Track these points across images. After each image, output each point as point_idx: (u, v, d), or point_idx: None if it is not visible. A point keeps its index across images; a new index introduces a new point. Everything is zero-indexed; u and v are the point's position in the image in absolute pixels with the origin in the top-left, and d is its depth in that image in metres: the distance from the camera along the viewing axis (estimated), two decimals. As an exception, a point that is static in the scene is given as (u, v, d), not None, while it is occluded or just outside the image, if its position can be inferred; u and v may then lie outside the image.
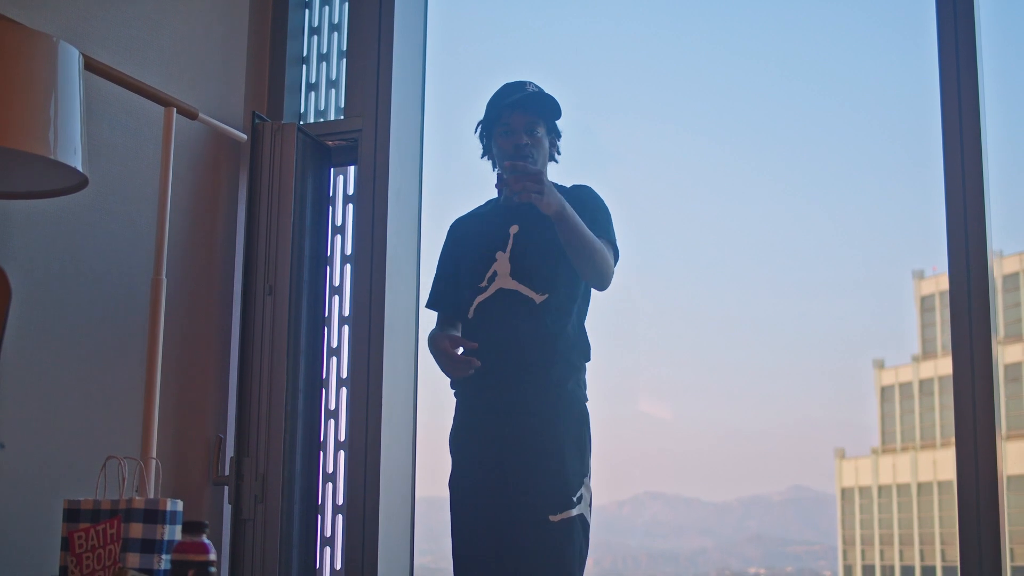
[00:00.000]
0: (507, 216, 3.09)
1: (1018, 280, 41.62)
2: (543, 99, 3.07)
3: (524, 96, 3.07)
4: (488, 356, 2.98)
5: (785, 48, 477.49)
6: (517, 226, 3.06)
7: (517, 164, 2.82)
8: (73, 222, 3.15)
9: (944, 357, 42.55)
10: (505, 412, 2.96)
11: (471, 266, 3.09)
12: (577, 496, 2.90)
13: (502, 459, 2.95)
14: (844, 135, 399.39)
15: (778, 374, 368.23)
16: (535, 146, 3.05)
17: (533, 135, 3.05)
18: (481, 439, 3.00)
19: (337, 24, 4.03)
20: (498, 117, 3.08)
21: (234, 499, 3.60)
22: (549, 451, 2.92)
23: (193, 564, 2.15)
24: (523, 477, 2.91)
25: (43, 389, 3.05)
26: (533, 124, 3.06)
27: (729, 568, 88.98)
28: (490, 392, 3.00)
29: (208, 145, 3.71)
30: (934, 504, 43.10)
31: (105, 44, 3.27)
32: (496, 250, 3.05)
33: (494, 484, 2.95)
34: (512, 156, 3.01)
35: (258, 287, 3.70)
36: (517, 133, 3.04)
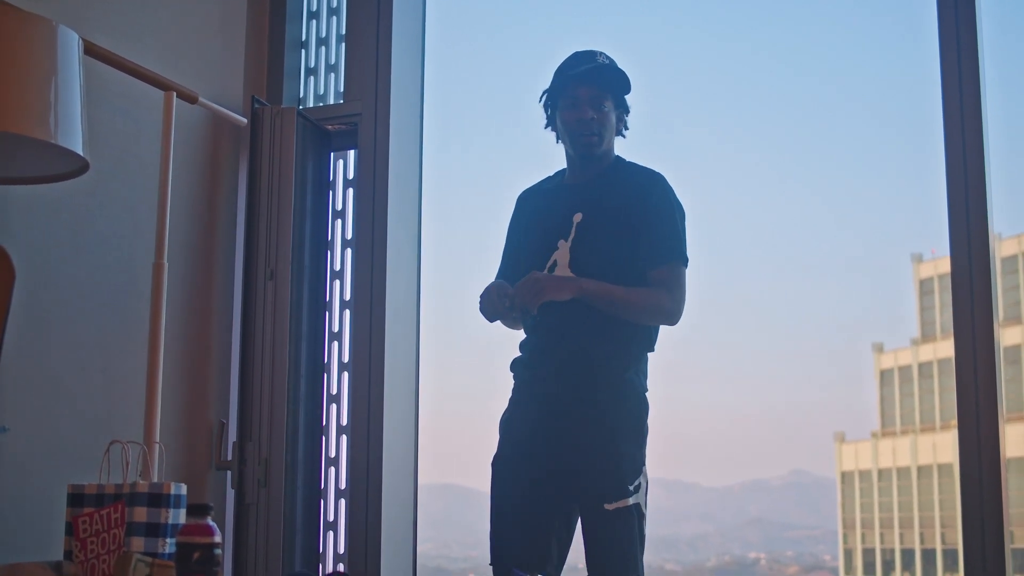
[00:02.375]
0: (572, 200, 3.02)
1: (1016, 263, 41.63)
2: (613, 72, 2.98)
3: (593, 68, 2.97)
4: (548, 344, 2.96)
5: (784, 34, 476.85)
6: (581, 214, 2.98)
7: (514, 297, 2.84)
8: (74, 207, 3.14)
9: (943, 340, 42.58)
10: (563, 400, 2.92)
11: (533, 250, 3.03)
12: (634, 485, 2.86)
13: (558, 447, 2.91)
14: (843, 119, 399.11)
15: (778, 359, 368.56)
16: (601, 121, 2.97)
17: (600, 110, 2.97)
18: (536, 428, 2.95)
19: (336, 8, 4.02)
20: (564, 88, 2.99)
21: (237, 484, 3.61)
22: (607, 440, 2.87)
23: (198, 546, 2.15)
24: (580, 465, 2.88)
25: (46, 374, 3.05)
26: (600, 98, 2.97)
27: (729, 553, 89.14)
28: (548, 380, 2.95)
29: (208, 129, 3.70)
30: (934, 487, 43.17)
31: (105, 29, 3.26)
32: (559, 238, 2.98)
33: (547, 470, 2.92)
34: (576, 131, 2.97)
35: (259, 271, 3.70)
36: (582, 107, 2.96)
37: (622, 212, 2.97)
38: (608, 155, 3.06)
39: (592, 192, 3.00)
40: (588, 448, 2.88)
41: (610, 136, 3.01)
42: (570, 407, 2.91)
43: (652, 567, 2.95)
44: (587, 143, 2.98)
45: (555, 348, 2.95)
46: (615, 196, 2.99)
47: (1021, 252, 41.81)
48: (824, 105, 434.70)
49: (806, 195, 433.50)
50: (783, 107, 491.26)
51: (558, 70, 3.03)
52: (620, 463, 2.86)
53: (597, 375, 2.92)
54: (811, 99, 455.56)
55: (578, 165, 3.06)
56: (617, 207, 2.97)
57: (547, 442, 2.93)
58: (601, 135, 2.97)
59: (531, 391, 3.02)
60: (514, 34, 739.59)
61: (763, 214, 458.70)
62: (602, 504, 2.83)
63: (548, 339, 2.97)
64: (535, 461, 2.94)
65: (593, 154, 3.01)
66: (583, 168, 3.05)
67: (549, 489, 2.92)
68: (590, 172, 3.05)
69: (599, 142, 2.98)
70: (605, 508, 2.83)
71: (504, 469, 3.00)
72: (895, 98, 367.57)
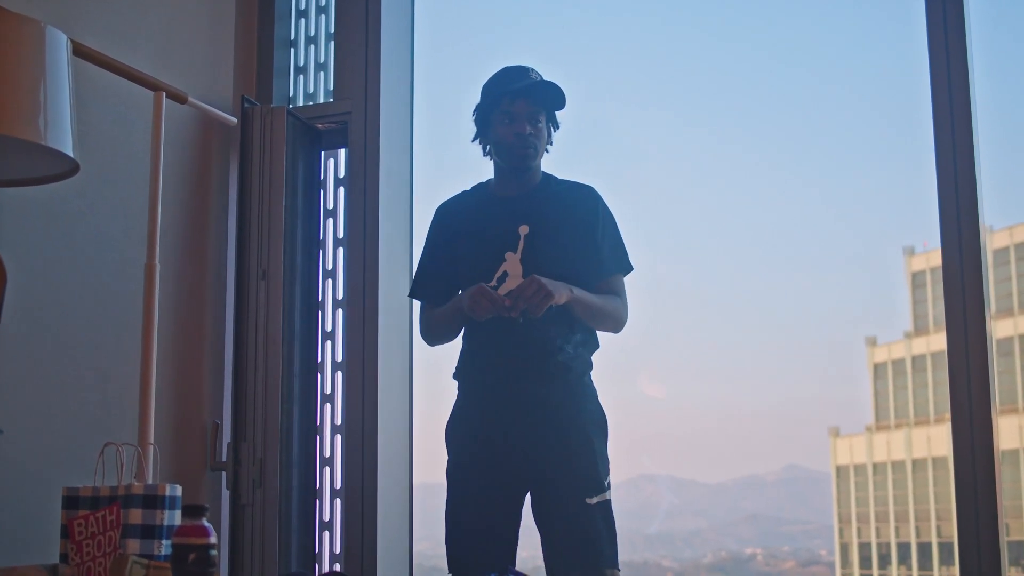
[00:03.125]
0: (513, 213, 3.04)
1: (1008, 255, 41.74)
2: (550, 89, 3.03)
3: (530, 84, 3.03)
4: (504, 353, 2.97)
5: (775, 27, 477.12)
6: (527, 227, 3.01)
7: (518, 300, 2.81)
8: (65, 209, 3.13)
9: (936, 333, 42.69)
10: (522, 408, 2.95)
11: (475, 263, 3.04)
12: (607, 481, 2.94)
13: (522, 454, 2.94)
14: (834, 113, 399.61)
15: (771, 353, 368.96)
16: (537, 136, 3.02)
17: (536, 125, 3.02)
18: (492, 434, 2.97)
19: (324, 6, 4.02)
20: (498, 103, 3.03)
21: (232, 484, 3.60)
22: (580, 440, 2.94)
23: (194, 547, 2.15)
24: (556, 465, 2.92)
25: (39, 376, 3.04)
26: (536, 113, 3.02)
27: (725, 549, 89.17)
28: (502, 387, 2.98)
29: (198, 129, 3.70)
30: (929, 480, 43.27)
31: (93, 29, 3.25)
32: (505, 250, 3.00)
33: (510, 477, 2.95)
34: (513, 146, 3.01)
35: (252, 271, 3.70)
36: (520, 122, 3.00)
37: (568, 225, 3.03)
38: (538, 169, 3.11)
39: (532, 205, 3.05)
40: (562, 449, 2.92)
41: (543, 150, 3.08)
42: (533, 412, 2.95)
43: (648, 564, 2.96)
44: (524, 156, 3.03)
45: (509, 355, 2.97)
46: (559, 209, 3.05)
47: (1013, 244, 41.92)
48: (814, 99, 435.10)
49: (797, 189, 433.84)
50: (772, 101, 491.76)
51: (489, 85, 3.08)
52: (597, 460, 2.94)
53: (560, 381, 2.96)
54: (801, 93, 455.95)
55: (510, 178, 3.09)
56: (563, 220, 3.03)
57: (508, 449, 2.96)
58: (537, 149, 3.04)
59: (483, 398, 3.03)
60: (503, 31, 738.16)
61: (754, 209, 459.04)
62: (584, 499, 2.88)
63: (499, 346, 2.98)
64: (496, 469, 2.96)
65: (528, 167, 3.06)
66: (516, 181, 3.09)
67: (515, 493, 2.97)
68: (524, 185, 3.09)
69: (535, 155, 3.04)
70: (587, 502, 2.88)
71: (462, 479, 3.02)
72: (885, 92, 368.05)
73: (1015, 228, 42.06)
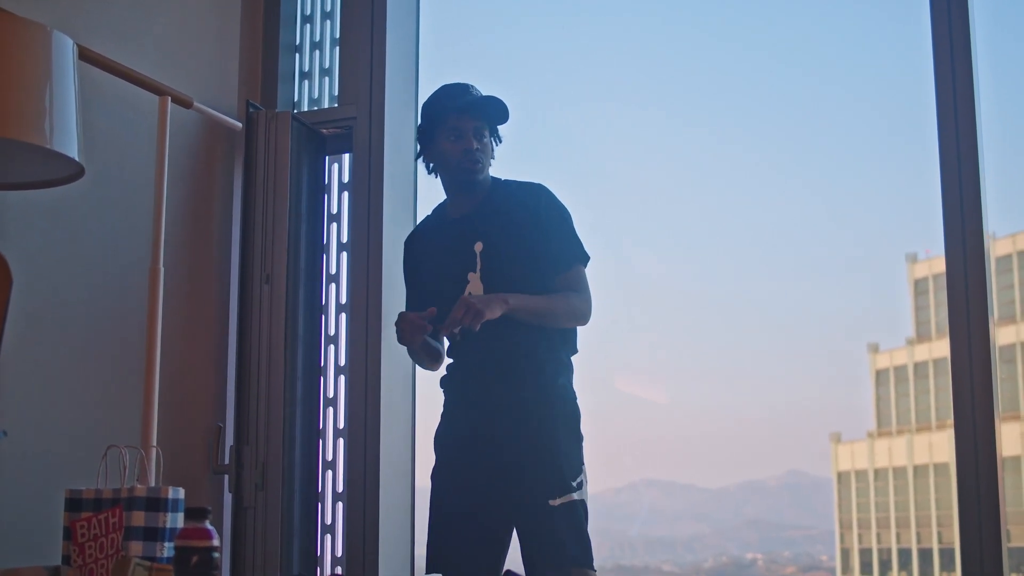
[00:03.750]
0: (466, 232, 3.06)
1: (1011, 262, 41.69)
2: (493, 104, 3.06)
3: (474, 100, 3.06)
4: (480, 359, 3.01)
5: (778, 30, 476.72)
6: (480, 243, 3.03)
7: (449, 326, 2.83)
8: (70, 212, 3.14)
9: (938, 340, 42.62)
10: (498, 410, 2.97)
11: (442, 287, 3.06)
12: (577, 482, 2.93)
13: (496, 455, 2.96)
14: (837, 119, 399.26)
15: (773, 359, 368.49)
16: (483, 150, 3.05)
17: (481, 140, 3.05)
18: (472, 437, 3.01)
19: (330, 12, 4.03)
20: (443, 120, 3.05)
21: (235, 487, 3.61)
22: (544, 441, 2.94)
23: (196, 550, 2.15)
24: (520, 468, 2.93)
25: (43, 379, 3.05)
26: (481, 129, 3.05)
27: (726, 553, 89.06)
28: (481, 392, 3.01)
29: (203, 134, 3.70)
30: (930, 487, 43.19)
31: (99, 34, 3.26)
32: (467, 271, 3.03)
33: (487, 479, 2.97)
34: (461, 162, 3.03)
35: (255, 275, 3.70)
36: (467, 138, 3.03)
37: (518, 231, 3.04)
38: (487, 180, 3.12)
39: (483, 219, 3.06)
40: (528, 450, 2.93)
41: (489, 164, 3.09)
42: (506, 414, 2.96)
43: (649, 568, 2.96)
44: (471, 170, 3.04)
45: (486, 361, 3.00)
46: (507, 217, 3.05)
47: (1016, 251, 41.87)
48: (818, 104, 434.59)
49: (800, 194, 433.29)
50: (776, 106, 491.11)
51: (431, 103, 3.10)
52: (560, 461, 2.93)
53: (531, 383, 2.98)
54: (805, 98, 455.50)
55: (459, 195, 3.12)
56: (512, 228, 3.04)
57: (485, 451, 2.98)
58: (484, 163, 3.06)
59: (465, 404, 3.07)
60: (508, 38, 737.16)
61: (756, 213, 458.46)
62: (546, 501, 2.88)
63: (478, 353, 3.01)
64: (475, 470, 2.99)
65: (475, 181, 3.07)
66: (466, 196, 3.11)
67: (492, 495, 2.97)
68: (474, 199, 3.10)
69: (481, 169, 3.06)
70: (550, 504, 2.87)
71: (444, 480, 3.06)
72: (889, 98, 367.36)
73: (1018, 236, 41.99)
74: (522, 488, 2.93)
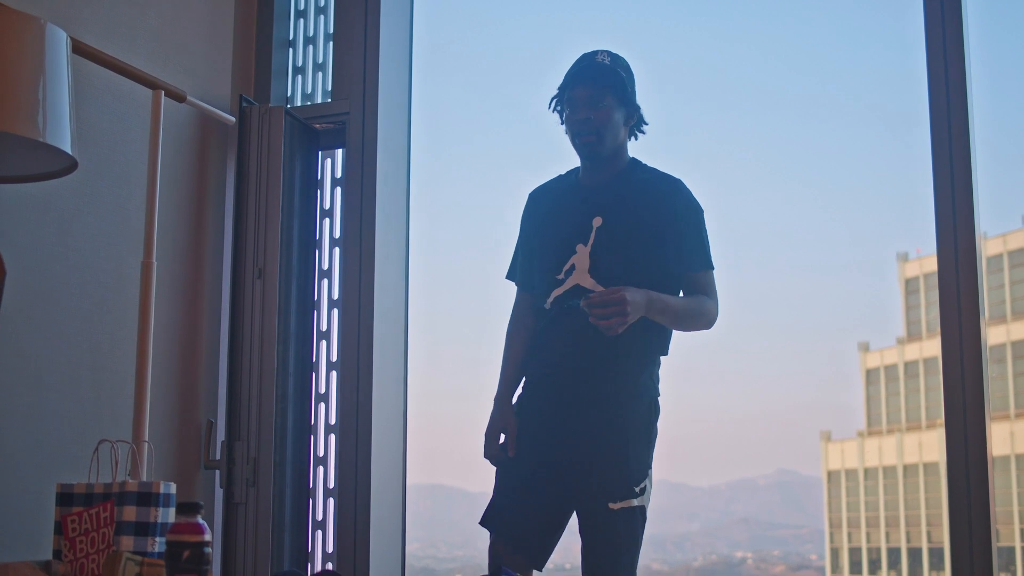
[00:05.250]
0: (589, 203, 2.98)
1: (1001, 262, 41.81)
2: (604, 71, 2.95)
3: (586, 66, 2.97)
4: (561, 348, 2.95)
5: (772, 31, 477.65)
6: (601, 219, 2.94)
7: (592, 302, 2.73)
8: (62, 206, 3.14)
9: (929, 339, 42.73)
10: (578, 401, 2.92)
11: (549, 252, 3.00)
12: (640, 487, 2.87)
13: (567, 447, 2.92)
14: (829, 118, 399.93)
15: (763, 358, 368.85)
16: (601, 120, 2.93)
17: (597, 108, 2.93)
18: (549, 419, 2.96)
19: (323, 7, 4.02)
20: (565, 90, 2.99)
21: (226, 483, 3.60)
22: (615, 441, 2.88)
23: (188, 545, 2.15)
24: (587, 465, 2.89)
25: (34, 373, 3.04)
26: (598, 97, 2.93)
27: (716, 552, 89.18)
28: (561, 383, 2.96)
29: (196, 128, 3.70)
30: (920, 486, 43.31)
31: (93, 27, 3.25)
32: (577, 242, 2.94)
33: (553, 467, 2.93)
34: (574, 130, 2.96)
35: (248, 270, 3.70)
36: (580, 107, 2.95)
37: (645, 218, 2.94)
38: (620, 156, 3.02)
39: (611, 195, 2.97)
40: (597, 448, 2.88)
41: (612, 135, 2.96)
42: (584, 408, 2.91)
43: (639, 567, 2.96)
44: (585, 143, 2.96)
45: (573, 350, 2.94)
46: (636, 201, 2.96)
47: (1006, 251, 41.98)
48: (810, 104, 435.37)
49: (791, 195, 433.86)
50: (768, 105, 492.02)
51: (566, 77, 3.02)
52: (628, 464, 2.88)
53: (613, 378, 2.91)
54: (797, 97, 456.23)
55: (589, 165, 3.04)
56: (639, 212, 2.95)
57: (557, 442, 2.93)
58: (600, 134, 2.94)
59: (544, 382, 3.01)
60: (502, 32, 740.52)
61: (749, 214, 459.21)
62: (606, 503, 2.84)
63: (564, 331, 2.95)
64: (543, 457, 2.95)
65: (596, 154, 2.98)
66: (595, 169, 3.02)
67: (557, 483, 2.93)
68: (604, 174, 3.02)
69: (597, 141, 2.94)
70: (609, 507, 2.83)
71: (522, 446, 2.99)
72: (881, 97, 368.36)
73: (1009, 235, 42.11)
74: (588, 486, 2.88)
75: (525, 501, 2.94)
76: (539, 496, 2.94)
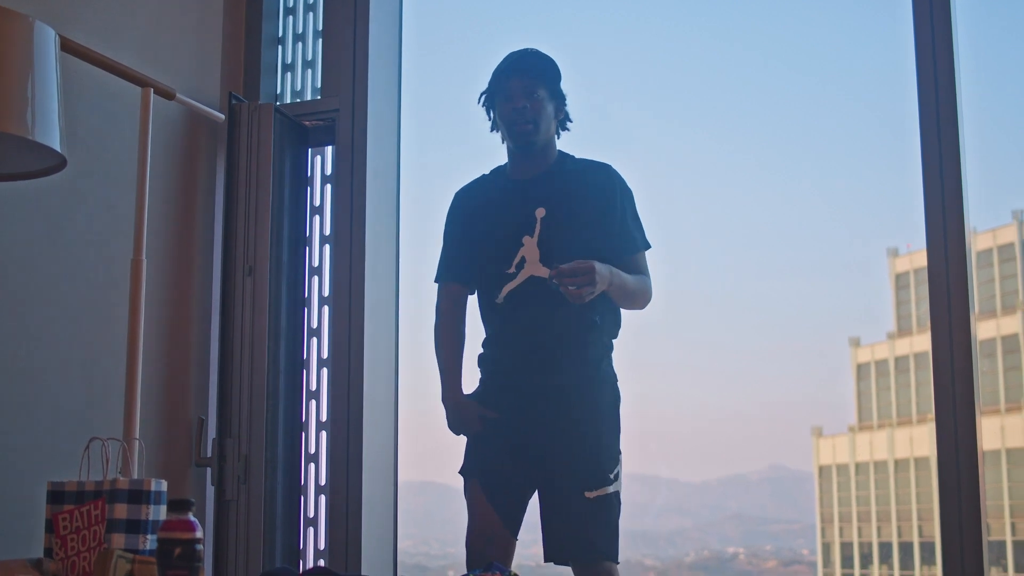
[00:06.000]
0: (528, 196, 3.02)
1: (991, 256, 41.87)
2: (539, 59, 3.01)
3: (520, 58, 3.02)
4: (522, 340, 2.97)
5: (761, 27, 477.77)
6: (544, 209, 2.98)
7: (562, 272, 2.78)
8: (51, 204, 3.13)
9: (919, 334, 42.80)
10: (541, 395, 2.94)
11: (494, 247, 3.03)
12: (614, 473, 2.91)
13: (533, 441, 2.94)
14: (819, 114, 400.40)
15: (754, 353, 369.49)
16: (536, 109, 2.98)
17: (532, 97, 2.98)
18: (511, 420, 2.98)
19: (312, 4, 4.02)
20: (498, 84, 3.03)
21: (217, 480, 3.60)
22: (587, 431, 2.91)
23: (180, 542, 2.15)
24: (557, 455, 2.91)
25: (25, 371, 3.04)
26: (531, 87, 2.99)
27: (707, 547, 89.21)
28: (524, 374, 2.98)
29: (186, 126, 3.69)
30: (911, 480, 43.37)
31: (82, 25, 3.25)
32: (523, 234, 2.97)
33: (520, 460, 2.95)
34: (511, 120, 2.99)
35: (238, 267, 3.69)
36: (515, 97, 2.98)
37: (585, 205, 3.00)
38: (551, 148, 3.07)
39: (549, 186, 3.02)
40: (568, 437, 2.91)
41: (547, 125, 3.02)
42: (548, 400, 2.93)
43: (631, 562, 2.96)
44: (522, 131, 3.00)
45: (530, 341, 2.96)
46: (575, 189, 3.01)
47: (996, 246, 42.05)
48: (799, 100, 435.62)
49: (781, 190, 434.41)
50: (758, 102, 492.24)
51: (493, 72, 3.07)
52: (600, 452, 2.91)
53: (575, 366, 2.94)
54: (787, 94, 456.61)
55: (521, 159, 3.08)
56: (579, 200, 3.00)
57: (525, 433, 2.95)
58: (536, 123, 2.99)
59: (503, 385, 3.03)
60: (492, 29, 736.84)
61: (739, 209, 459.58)
62: (582, 492, 2.86)
63: (522, 323, 2.98)
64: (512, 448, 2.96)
65: (531, 143, 3.02)
66: (528, 162, 3.06)
67: (523, 475, 2.95)
68: (538, 166, 3.06)
69: (534, 130, 3.00)
70: (586, 496, 2.85)
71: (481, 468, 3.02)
72: (871, 93, 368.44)
73: (998, 230, 42.19)
74: (560, 475, 2.90)
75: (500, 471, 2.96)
76: (510, 474, 2.96)
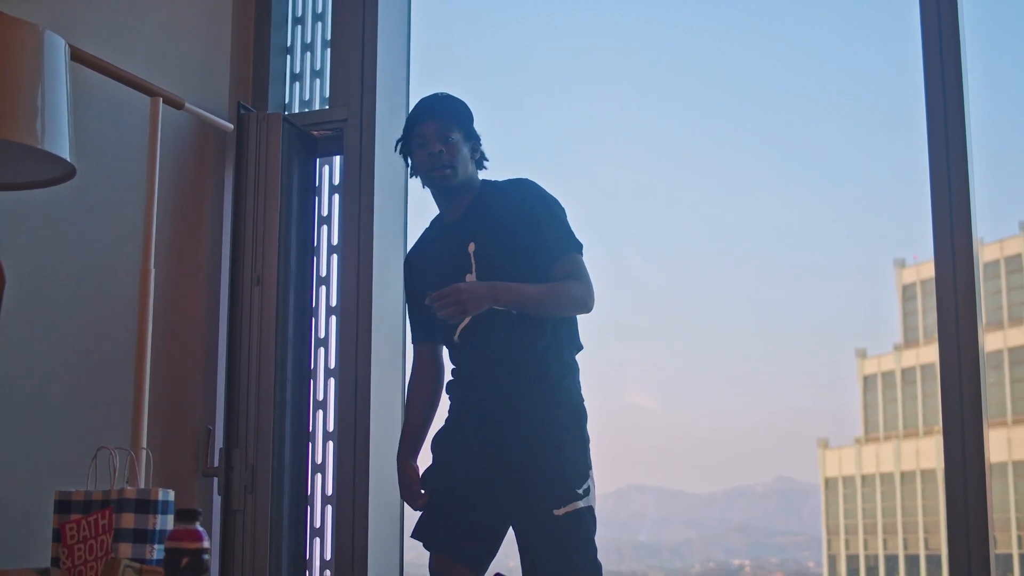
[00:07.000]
0: (459, 235, 3.02)
1: (998, 268, 41.79)
2: (451, 102, 3.01)
3: (432, 100, 3.02)
4: (483, 366, 2.98)
5: (768, 33, 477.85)
6: (473, 243, 2.98)
7: (431, 297, 2.81)
8: (60, 213, 3.14)
9: (926, 345, 42.70)
10: (503, 418, 2.93)
11: None
12: (583, 488, 2.88)
13: (501, 463, 2.93)
14: (826, 123, 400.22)
15: (761, 365, 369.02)
16: (451, 152, 2.97)
17: (447, 141, 2.97)
18: (475, 442, 2.97)
19: (321, 14, 4.03)
20: (411, 131, 3.02)
21: (224, 490, 3.60)
22: (548, 448, 2.89)
23: (187, 552, 2.15)
24: (522, 477, 2.89)
25: (33, 381, 3.04)
26: (445, 130, 2.98)
27: (713, 559, 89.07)
28: (487, 397, 2.98)
29: (194, 135, 3.70)
30: (917, 493, 43.26)
31: (91, 34, 3.26)
32: (464, 273, 2.97)
33: (490, 485, 2.94)
34: (428, 166, 2.98)
35: (246, 277, 3.70)
36: (430, 142, 2.97)
37: (508, 226, 2.99)
38: (472, 184, 3.06)
39: (474, 220, 3.02)
40: (531, 459, 2.89)
41: (464, 167, 3.00)
42: (512, 422, 2.93)
43: (637, 574, 2.94)
44: (440, 176, 2.98)
45: (489, 363, 2.97)
46: (496, 215, 3.01)
47: (1003, 257, 41.98)
48: (806, 108, 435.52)
49: (788, 200, 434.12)
50: (765, 110, 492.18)
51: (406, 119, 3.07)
52: (565, 469, 2.88)
53: (536, 386, 2.94)
54: (794, 102, 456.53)
55: (446, 201, 3.07)
56: (502, 224, 2.99)
57: (486, 457, 2.95)
58: (454, 167, 2.97)
59: (466, 408, 3.04)
60: (499, 40, 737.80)
61: (746, 219, 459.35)
62: (551, 511, 2.83)
63: (480, 355, 2.98)
64: (477, 473, 2.95)
65: (451, 186, 3.01)
66: (453, 202, 3.06)
67: (493, 498, 2.94)
68: (463, 203, 3.05)
69: (453, 174, 2.98)
70: (555, 514, 2.83)
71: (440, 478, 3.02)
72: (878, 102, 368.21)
73: (1005, 241, 42.13)
74: (527, 498, 2.88)
75: (462, 513, 2.96)
76: (476, 509, 2.95)
